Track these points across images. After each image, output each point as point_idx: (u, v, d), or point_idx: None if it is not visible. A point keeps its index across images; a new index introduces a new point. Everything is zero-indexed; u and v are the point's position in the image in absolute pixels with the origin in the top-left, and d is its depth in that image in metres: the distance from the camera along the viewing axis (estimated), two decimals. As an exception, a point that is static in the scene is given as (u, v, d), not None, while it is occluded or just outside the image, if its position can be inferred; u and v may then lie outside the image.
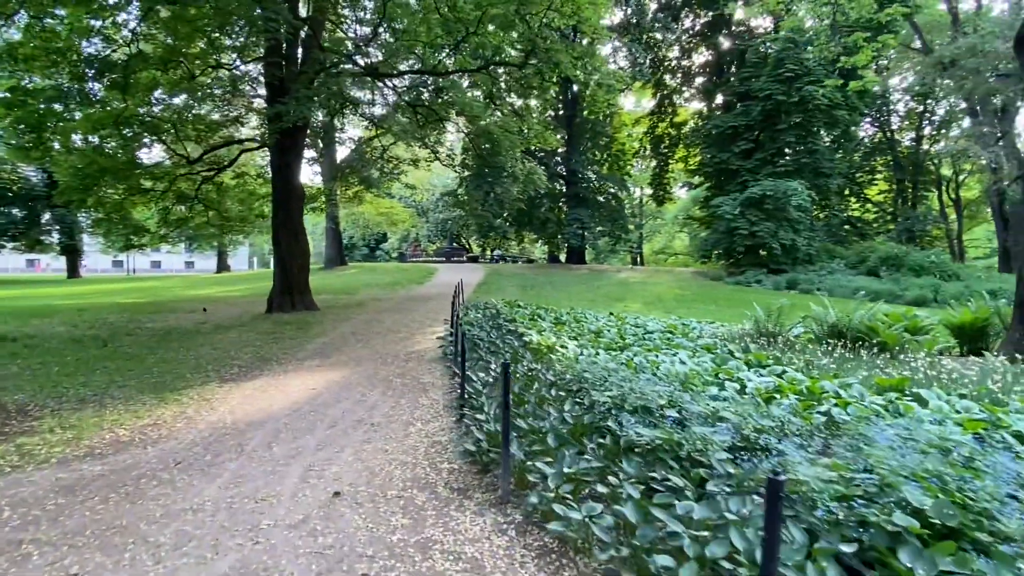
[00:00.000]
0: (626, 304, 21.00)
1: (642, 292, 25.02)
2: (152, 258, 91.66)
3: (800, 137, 29.50)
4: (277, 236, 17.03)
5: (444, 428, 5.64)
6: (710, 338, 10.42)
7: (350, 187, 27.28)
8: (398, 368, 8.74)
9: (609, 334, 11.05)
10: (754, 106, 30.47)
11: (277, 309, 16.58)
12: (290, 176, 16.97)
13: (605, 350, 9.11)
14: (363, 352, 10.26)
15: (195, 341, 11.62)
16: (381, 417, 5.99)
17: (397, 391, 7.20)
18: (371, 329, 13.39)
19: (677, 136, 41.28)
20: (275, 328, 13.41)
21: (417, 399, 6.79)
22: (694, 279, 30.04)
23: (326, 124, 24.40)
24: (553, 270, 35.31)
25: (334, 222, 41.91)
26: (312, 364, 9.10)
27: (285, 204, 16.96)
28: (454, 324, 12.09)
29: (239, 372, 8.43)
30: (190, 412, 6.23)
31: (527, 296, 23.15)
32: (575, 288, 26.23)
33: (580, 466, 3.81)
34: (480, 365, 7.45)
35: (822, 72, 27.62)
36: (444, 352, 9.79)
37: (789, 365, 7.50)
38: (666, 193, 41.39)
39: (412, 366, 8.92)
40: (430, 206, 60.60)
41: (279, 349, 10.57)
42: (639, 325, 12.27)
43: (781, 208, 28.16)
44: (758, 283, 27.31)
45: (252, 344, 11.13)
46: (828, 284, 25.23)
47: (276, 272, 17.08)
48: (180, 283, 37.31)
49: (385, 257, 72.27)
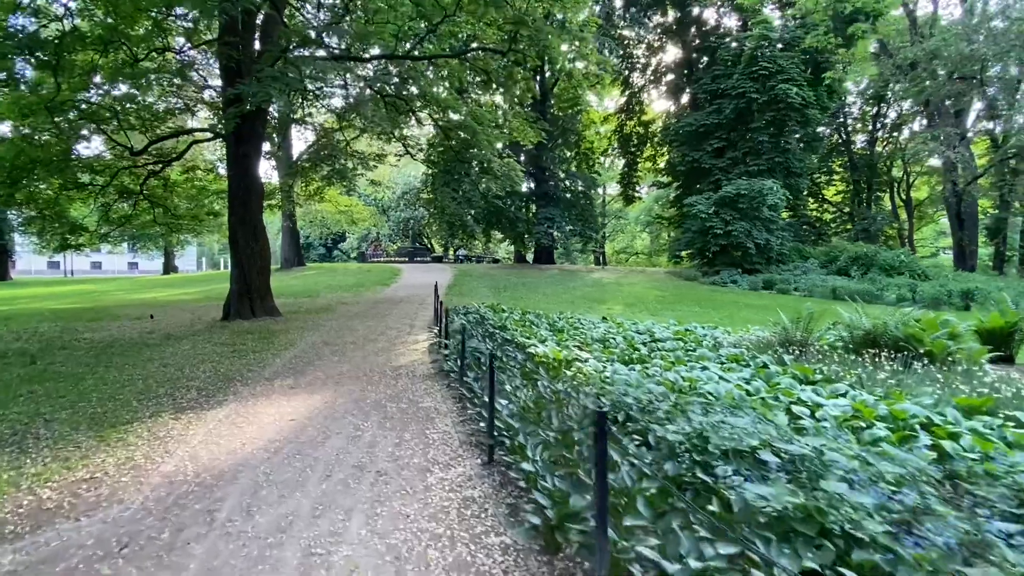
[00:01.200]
0: (608, 306, 20.14)
1: (620, 293, 24.24)
2: (92, 259, 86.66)
3: (773, 136, 29.31)
4: (234, 235, 15.44)
5: (471, 476, 4.49)
6: (729, 346, 9.52)
7: (310, 183, 25.64)
8: (389, 388, 7.52)
9: (616, 343, 10.07)
10: (726, 104, 30.13)
11: (235, 316, 15.01)
12: (248, 168, 15.40)
13: (621, 363, 8.11)
14: (342, 367, 8.97)
15: (142, 355, 10.09)
16: (387, 460, 4.80)
17: (396, 421, 6.00)
18: (344, 338, 12.06)
19: (645, 135, 40.87)
20: (235, 338, 11.93)
21: (424, 431, 5.61)
22: (668, 279, 29.52)
23: (283, 115, 22.76)
24: (523, 270, 34.31)
25: (291, 220, 39.89)
26: (284, 384, 7.78)
27: (243, 199, 15.39)
28: (443, 333, 10.93)
29: (198, 397, 7.06)
30: (139, 458, 4.91)
31: (502, 298, 22.07)
32: (550, 289, 25.28)
33: (709, 557, 2.74)
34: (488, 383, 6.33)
35: (796, 70, 27.45)
36: (442, 368, 8.58)
37: (839, 380, 6.64)
38: (635, 192, 40.92)
39: (405, 385, 7.70)
40: (391, 204, 58.82)
41: (243, 365, 9.17)
42: (643, 331, 11.33)
43: (755, 208, 27.88)
44: (734, 283, 26.93)
45: (210, 358, 9.68)
46: (805, 284, 25.01)
47: (233, 274, 15.49)
48: (123, 286, 34.74)
49: (343, 257, 70.01)
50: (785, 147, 29.23)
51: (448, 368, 8.19)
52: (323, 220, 48.65)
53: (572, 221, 36.54)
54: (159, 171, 20.57)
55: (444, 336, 10.81)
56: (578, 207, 37.42)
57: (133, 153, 18.05)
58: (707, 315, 18.16)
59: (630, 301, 21.67)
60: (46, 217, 19.90)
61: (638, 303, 21.13)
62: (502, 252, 67.99)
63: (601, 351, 9.13)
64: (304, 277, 32.65)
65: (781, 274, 27.16)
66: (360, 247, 63.94)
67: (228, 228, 15.76)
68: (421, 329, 13.80)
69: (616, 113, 41.30)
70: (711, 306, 20.34)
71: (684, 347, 9.49)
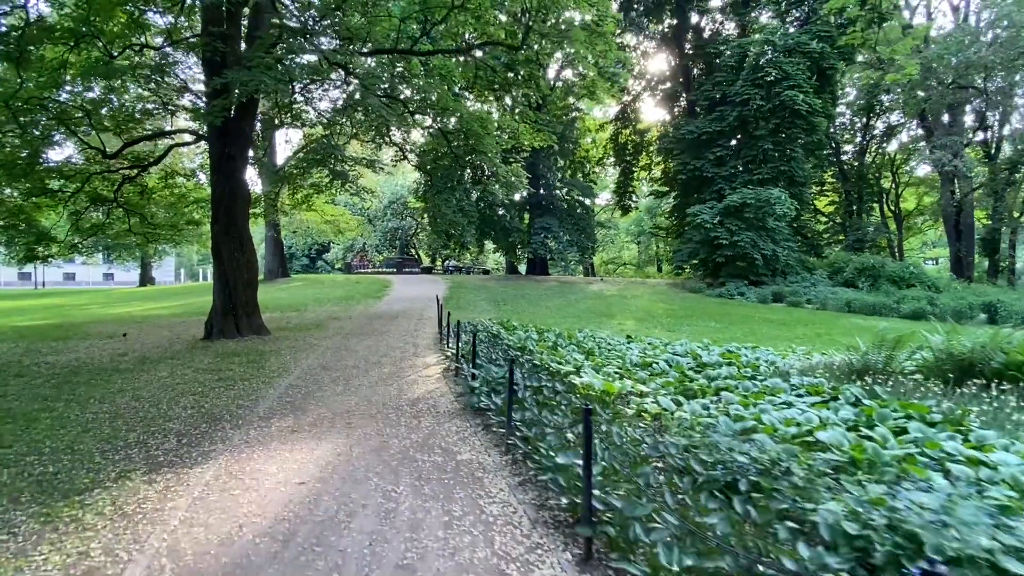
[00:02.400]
0: (618, 321, 18.98)
1: (627, 306, 23.10)
2: (65, 270, 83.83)
3: (778, 144, 28.48)
4: (217, 245, 14.03)
5: (567, 582, 3.23)
6: (794, 372, 8.34)
7: (298, 190, 24.20)
8: (412, 432, 6.22)
9: (659, 367, 8.86)
10: (729, 111, 29.29)
11: (219, 335, 13.58)
12: (234, 171, 14.02)
13: (683, 396, 6.91)
14: (349, 401, 7.65)
15: (112, 385, 8.67)
16: (440, 554, 3.51)
17: (436, 484, 4.70)
18: (344, 361, 10.72)
19: (640, 143, 40.03)
20: (220, 362, 10.53)
21: (477, 502, 4.32)
22: (672, 291, 28.47)
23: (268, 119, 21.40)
24: (519, 282, 33.08)
25: (275, 230, 38.34)
26: (284, 426, 6.45)
27: (228, 206, 14.01)
28: (457, 355, 9.66)
29: (178, 447, 5.71)
30: (96, 553, 3.56)
31: (504, 312, 20.84)
32: (552, 302, 24.09)
33: None
34: (539, 428, 5.09)
35: (801, 76, 26.69)
36: (470, 403, 7.27)
37: (963, 419, 5.50)
38: (631, 201, 39.97)
39: (430, 427, 6.41)
40: (378, 214, 57.36)
41: (231, 398, 7.80)
42: (683, 353, 10.13)
43: (761, 218, 27.00)
44: (741, 295, 25.95)
45: (191, 389, 8.30)
46: (816, 296, 24.09)
47: (216, 289, 14.05)
48: (97, 299, 32.87)
49: (326, 268, 68.21)
50: (791, 155, 28.43)
51: (478, 404, 6.91)
52: (308, 230, 47.08)
53: (569, 231, 35.41)
54: (135, 177, 19.09)
55: (459, 359, 9.56)
56: (575, 216, 36.34)
57: (106, 156, 16.57)
58: (726, 331, 17.07)
59: (640, 315, 20.54)
60: (12, 226, 18.37)
61: (649, 318, 20.01)
62: (491, 263, 66.70)
63: (648, 379, 7.92)
64: (290, 289, 31.14)
65: (789, 286, 26.26)
66: (345, 258, 62.24)
67: (211, 238, 14.35)
68: (427, 349, 12.50)
69: (612, 121, 40.43)
70: (727, 321, 19.27)
71: (740, 374, 8.31)
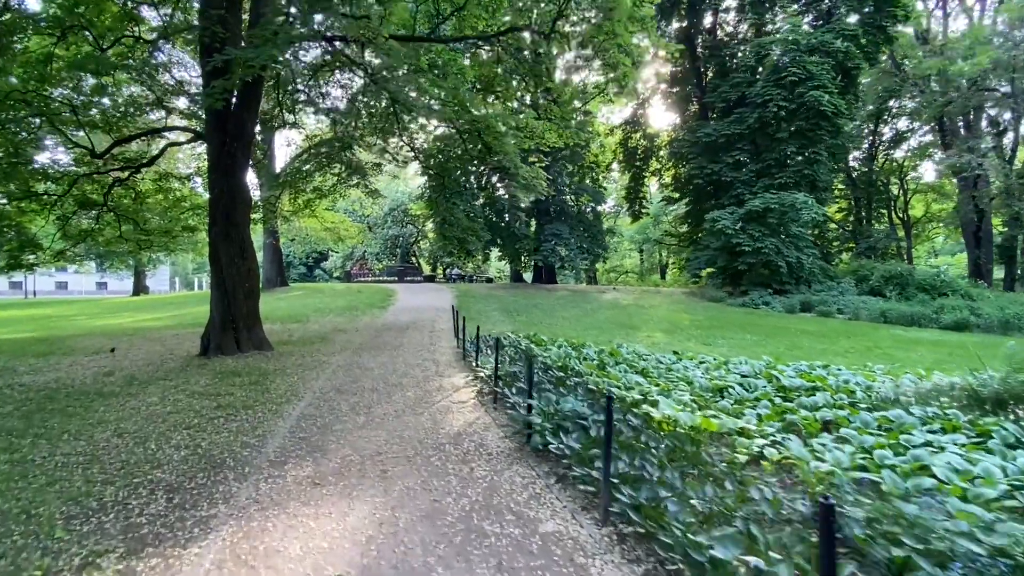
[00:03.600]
0: (646, 333, 17.69)
1: (648, 317, 21.81)
2: (57, 279, 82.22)
3: (801, 147, 27.29)
4: (216, 251, 12.70)
5: None
6: (901, 397, 7.05)
7: (299, 195, 22.91)
8: (468, 487, 4.89)
9: (735, 392, 7.57)
10: (748, 113, 28.13)
11: (217, 350, 12.24)
12: (234, 171, 12.72)
13: (788, 432, 5.63)
14: (377, 437, 6.34)
15: (91, 415, 7.34)
16: None
17: None
18: (360, 382, 9.40)
19: (650, 148, 38.92)
20: (218, 384, 9.20)
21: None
22: (691, 300, 27.19)
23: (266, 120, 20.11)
24: (527, 291, 31.78)
25: (274, 237, 36.97)
26: (302, 475, 5.13)
27: (227, 210, 12.70)
28: (495, 377, 8.36)
29: (166, 512, 4.37)
30: None
31: (518, 323, 19.57)
32: (568, 312, 22.79)
33: None
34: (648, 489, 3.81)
35: (826, 77, 25.56)
36: (535, 447, 5.89)
37: None
38: (641, 208, 38.77)
39: (487, 478, 5.09)
40: (378, 221, 56.11)
41: (233, 433, 6.48)
42: (753, 373, 8.82)
43: (783, 223, 25.83)
44: (766, 305, 24.69)
45: (185, 421, 6.97)
46: (848, 306, 22.85)
47: (214, 299, 12.71)
48: (88, 309, 31.46)
49: (324, 277, 66.81)
50: (814, 158, 27.24)
51: (542, 445, 5.60)
52: (307, 237, 45.75)
53: (580, 238, 34.15)
54: (126, 179, 17.81)
55: (497, 381, 8.25)
56: (585, 223, 35.10)
57: (95, 155, 15.28)
58: (765, 345, 15.80)
59: (665, 327, 19.26)
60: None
61: (676, 329, 18.72)
62: (493, 271, 65.40)
63: (733, 408, 6.63)
64: (289, 299, 29.83)
65: (816, 295, 25.02)
66: (344, 266, 60.84)
67: (209, 244, 13.02)
68: (450, 367, 11.18)
69: (621, 125, 39.33)
70: (761, 332, 18.00)
71: (838, 401, 7.02)
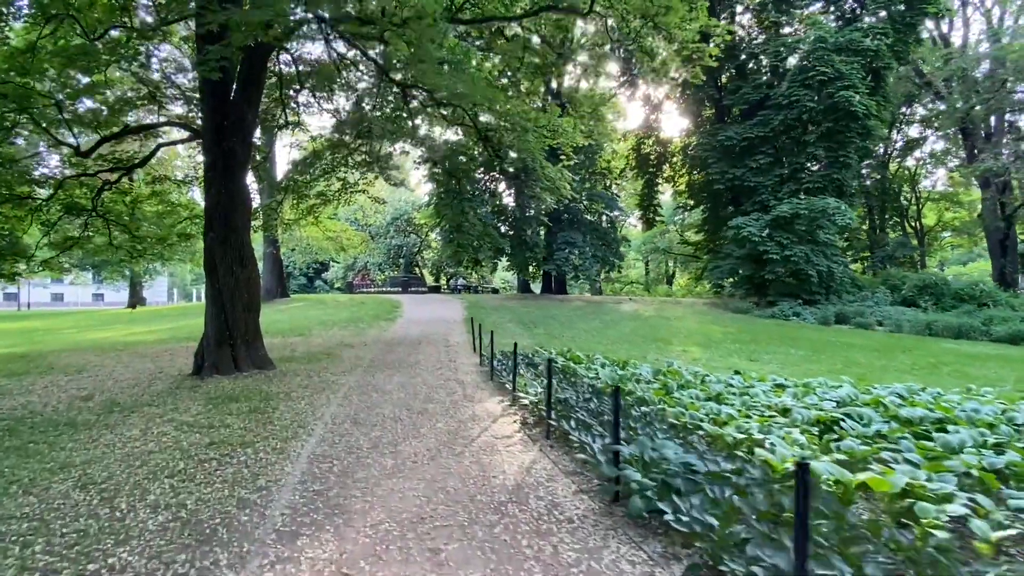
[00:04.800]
0: (681, 347, 16.27)
1: (676, 329, 20.38)
2: (53, 290, 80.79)
3: (830, 150, 25.98)
4: (212, 259, 11.32)
5: None
6: None
7: (302, 200, 21.57)
8: (556, 578, 3.49)
9: (852, 428, 6.14)
10: (773, 115, 26.84)
11: (212, 370, 10.83)
12: (234, 169, 11.37)
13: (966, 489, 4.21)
14: (412, 491, 4.91)
15: (54, 455, 5.92)
16: None
17: None
18: (379, 409, 7.97)
19: (663, 153, 37.67)
20: (213, 412, 7.77)
21: None
22: (716, 312, 25.76)
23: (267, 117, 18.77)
24: (540, 302, 30.33)
25: (275, 246, 35.58)
26: (323, 558, 3.71)
27: (225, 214, 11.34)
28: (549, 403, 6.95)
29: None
30: None
31: (536, 336, 18.19)
32: (588, 324, 21.38)
33: None
34: None
35: (856, 76, 24.31)
36: (636, 512, 4.45)
37: None
38: (655, 215, 37.46)
39: (581, 566, 3.68)
40: (380, 231, 54.82)
41: (228, 486, 5.05)
42: (850, 399, 7.37)
43: (811, 230, 24.49)
44: (797, 316, 23.27)
45: (169, 465, 5.55)
46: (888, 318, 21.43)
47: (210, 313, 11.30)
48: (80, 322, 30.01)
49: (325, 288, 65.31)
50: (844, 162, 25.93)
51: (638, 507, 4.18)
52: (308, 247, 44.40)
53: (595, 246, 32.77)
54: (116, 181, 16.48)
55: (549, 411, 6.82)
56: (599, 230, 33.73)
57: (80, 154, 13.94)
58: (816, 361, 14.39)
59: (699, 340, 17.85)
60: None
61: (711, 343, 17.31)
62: (498, 281, 63.99)
63: (870, 451, 5.21)
64: (291, 310, 28.39)
65: (849, 305, 23.62)
66: (346, 276, 59.42)
67: (204, 251, 11.63)
68: (477, 388, 9.76)
69: (634, 131, 38.13)
70: (806, 347, 16.58)
71: (982, 439, 5.60)
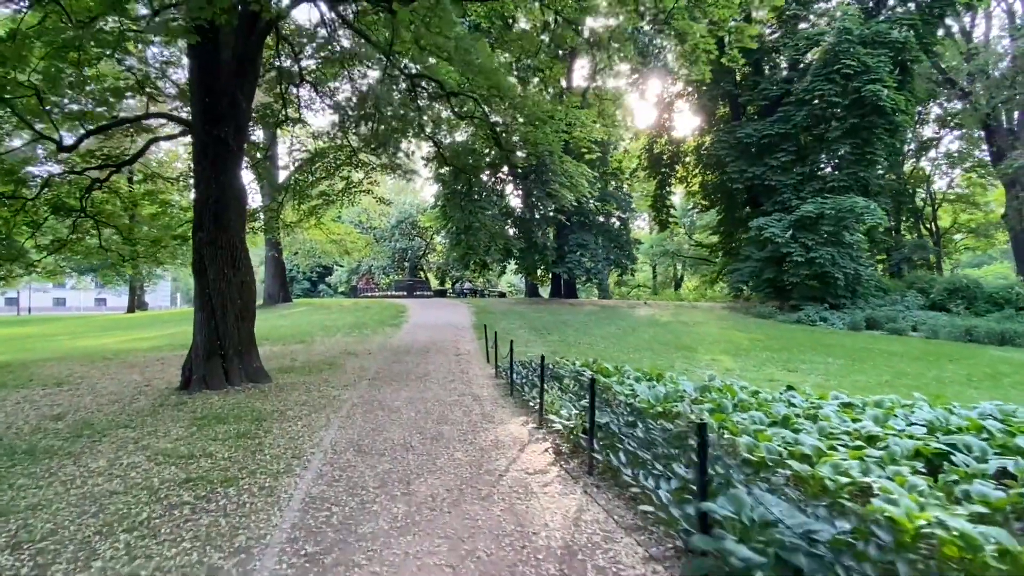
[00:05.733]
0: (710, 356, 15.13)
1: (699, 336, 19.22)
2: (55, 295, 79.96)
3: (856, 147, 24.81)
4: (201, 261, 10.25)
5: None
6: None
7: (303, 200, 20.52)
8: None
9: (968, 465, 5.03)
10: (795, 111, 25.71)
11: (200, 384, 9.75)
12: (226, 161, 10.31)
13: None
14: (436, 556, 3.82)
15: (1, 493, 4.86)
16: None
17: None
18: (386, 434, 6.86)
19: (676, 153, 36.57)
20: (195, 437, 6.68)
21: None
22: (736, 316, 24.59)
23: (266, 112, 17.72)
24: (551, 306, 29.19)
25: (276, 249, 34.58)
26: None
27: (216, 210, 10.27)
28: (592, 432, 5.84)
29: None
30: None
31: (551, 344, 17.09)
32: (605, 330, 20.25)
33: None
34: None
35: (884, 69, 23.16)
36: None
37: None
38: (668, 217, 36.32)
39: None
40: (385, 234, 53.88)
41: (198, 547, 3.93)
42: (940, 424, 6.23)
43: (837, 231, 23.34)
44: (824, 321, 22.09)
45: (130, 514, 4.43)
46: (923, 323, 20.24)
47: (198, 321, 10.23)
48: (76, 327, 29.01)
49: (329, 292, 64.26)
50: (871, 159, 24.78)
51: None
52: (311, 250, 43.40)
53: (608, 248, 31.64)
54: (106, 179, 15.45)
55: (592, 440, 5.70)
56: (612, 232, 32.60)
57: (63, 148, 12.90)
58: (861, 370, 13.24)
59: (726, 348, 16.70)
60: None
61: (739, 351, 16.16)
62: (504, 285, 62.92)
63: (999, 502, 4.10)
64: (292, 316, 27.34)
65: (877, 310, 22.45)
66: (350, 280, 58.42)
67: (193, 252, 10.57)
68: (496, 404, 8.65)
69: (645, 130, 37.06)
70: (842, 355, 15.42)
71: None
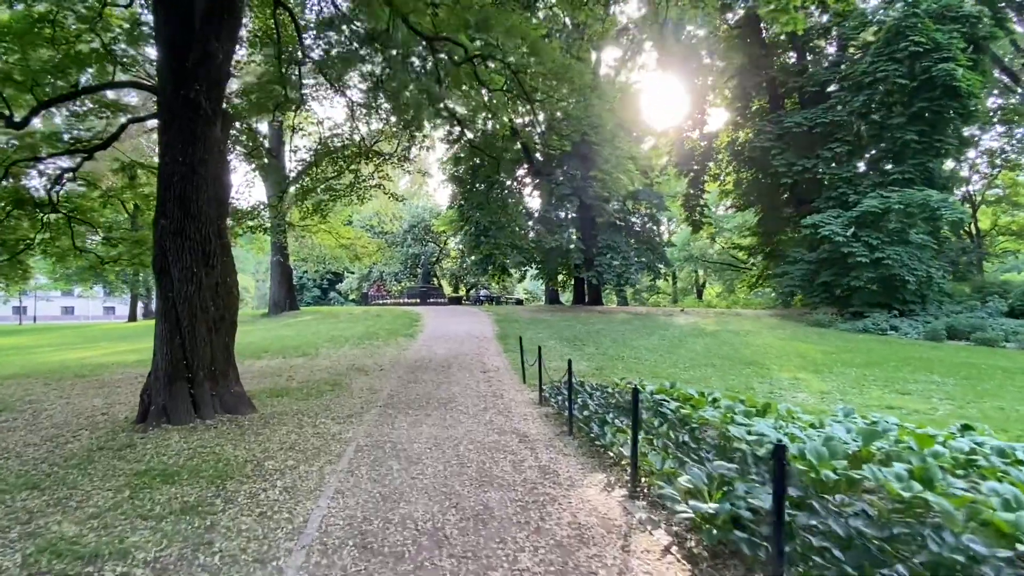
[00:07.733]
0: (790, 374, 12.60)
1: (757, 349, 16.67)
2: (63, 303, 78.43)
3: (922, 133, 22.04)
4: (163, 256, 7.91)
5: None
6: None
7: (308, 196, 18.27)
8: None
9: None
10: (852, 96, 23.07)
11: (161, 415, 7.43)
12: (195, 128, 7.99)
13: None
14: None
15: None
16: None
17: None
18: (404, 507, 4.44)
19: (708, 149, 34.10)
20: (117, 515, 4.27)
21: None
22: (789, 325, 21.92)
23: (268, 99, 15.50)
24: (578, 314, 26.71)
25: (282, 254, 32.40)
26: None
27: (184, 189, 7.95)
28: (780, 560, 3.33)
29: None
30: None
31: (590, 358, 14.69)
32: (647, 342, 17.79)
33: None
34: None
35: (956, 47, 20.52)
36: None
37: None
38: (702, 216, 33.75)
39: None
40: (397, 240, 51.73)
41: None
42: None
43: (903, 229, 20.73)
44: (895, 330, 19.42)
45: None
46: (1013, 333, 17.55)
47: (160, 335, 7.88)
48: (66, 337, 27.03)
49: (339, 300, 62.07)
50: (941, 148, 22.01)
51: None
52: (321, 255, 41.21)
53: (639, 251, 29.14)
54: (77, 167, 13.34)
55: (782, 555, 3.29)
56: (644, 233, 30.12)
57: (12, 124, 10.73)
58: (986, 393, 10.68)
59: (800, 363, 14.16)
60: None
61: (819, 367, 13.59)
62: (521, 291, 60.57)
63: None
64: (298, 325, 25.13)
65: (955, 317, 19.77)
66: (361, 287, 56.23)
67: (153, 244, 8.26)
68: (554, 449, 6.21)
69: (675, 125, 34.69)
70: (944, 372, 12.80)
71: None
